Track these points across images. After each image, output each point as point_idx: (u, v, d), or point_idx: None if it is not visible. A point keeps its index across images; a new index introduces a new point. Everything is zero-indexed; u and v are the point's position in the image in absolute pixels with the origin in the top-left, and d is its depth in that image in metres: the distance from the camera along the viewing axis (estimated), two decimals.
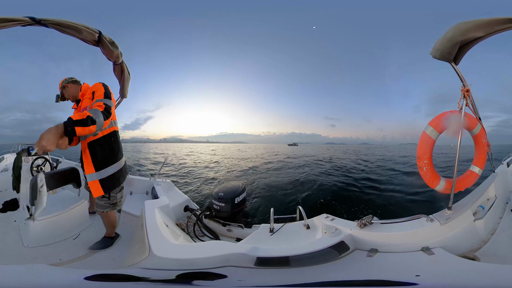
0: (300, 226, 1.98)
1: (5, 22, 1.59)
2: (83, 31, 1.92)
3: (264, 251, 1.54)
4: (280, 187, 7.54)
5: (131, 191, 3.56)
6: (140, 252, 1.65)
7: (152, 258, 1.46)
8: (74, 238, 2.46)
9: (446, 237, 1.69)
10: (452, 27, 1.63)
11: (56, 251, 2.23)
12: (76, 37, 1.96)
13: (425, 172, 1.89)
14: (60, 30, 1.85)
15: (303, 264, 1.48)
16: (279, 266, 1.48)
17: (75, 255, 2.18)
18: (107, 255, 2.21)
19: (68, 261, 2.08)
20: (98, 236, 2.40)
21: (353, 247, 1.64)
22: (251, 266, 1.46)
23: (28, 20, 1.68)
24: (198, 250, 1.61)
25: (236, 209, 2.67)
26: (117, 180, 2.16)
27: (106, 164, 2.06)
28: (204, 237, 2.44)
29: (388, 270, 1.47)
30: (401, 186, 7.73)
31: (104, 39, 2.07)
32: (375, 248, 1.63)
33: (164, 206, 2.40)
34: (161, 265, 1.43)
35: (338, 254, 1.56)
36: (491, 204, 2.04)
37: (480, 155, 2.06)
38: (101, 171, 2.04)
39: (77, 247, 2.31)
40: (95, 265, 2.05)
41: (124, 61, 2.54)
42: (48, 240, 2.35)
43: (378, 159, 19.72)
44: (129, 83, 2.90)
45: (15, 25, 1.64)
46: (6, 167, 4.76)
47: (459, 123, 1.79)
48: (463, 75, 1.80)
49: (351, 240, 1.66)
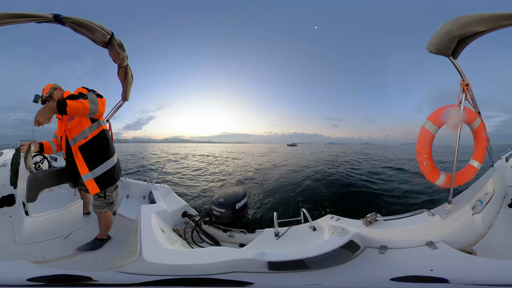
0: (306, 228, 1.96)
1: (25, 18, 1.54)
2: (96, 31, 1.89)
3: (273, 255, 1.53)
4: (281, 190, 7.52)
5: (127, 194, 3.53)
6: (129, 255, 1.63)
7: (141, 262, 1.44)
8: (64, 238, 2.45)
9: (447, 231, 1.70)
10: (449, 21, 1.60)
11: (44, 249, 2.23)
12: (88, 37, 1.93)
13: (425, 167, 1.89)
14: (75, 30, 1.81)
15: (321, 266, 1.46)
16: (294, 269, 1.47)
17: (61, 254, 2.17)
18: (92, 256, 2.19)
19: (51, 259, 2.07)
20: (88, 237, 2.39)
21: (363, 246, 1.63)
22: (264, 271, 1.44)
23: (49, 17, 1.63)
24: (196, 256, 1.60)
25: (237, 215, 2.65)
26: (111, 176, 2.19)
27: (99, 163, 2.12)
28: (203, 243, 2.41)
29: (402, 266, 1.47)
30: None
31: (114, 41, 2.06)
32: (384, 245, 1.64)
33: (161, 211, 2.38)
34: (148, 270, 1.40)
35: (351, 253, 1.55)
36: (489, 199, 2.06)
37: (479, 149, 2.06)
38: (94, 170, 2.10)
39: (65, 247, 2.30)
40: (75, 266, 2.04)
41: (129, 64, 2.53)
42: (39, 238, 2.35)
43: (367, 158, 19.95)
44: (131, 87, 2.88)
45: (32, 21, 1.59)
46: (4, 162, 4.74)
47: (459, 117, 1.79)
48: (462, 69, 1.79)
49: (359, 238, 1.66)
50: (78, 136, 2.09)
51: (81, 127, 2.09)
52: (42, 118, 1.70)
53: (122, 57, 2.29)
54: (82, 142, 2.09)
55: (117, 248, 2.26)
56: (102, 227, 2.35)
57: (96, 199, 2.21)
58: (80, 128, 2.09)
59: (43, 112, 1.71)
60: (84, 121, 2.09)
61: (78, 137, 2.09)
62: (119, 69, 2.54)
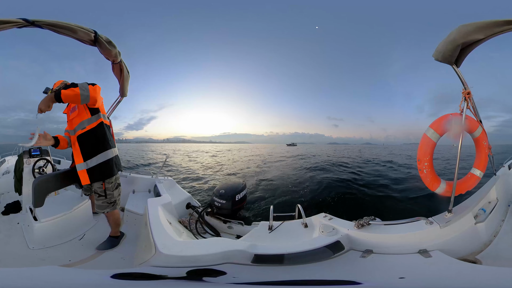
0: (298, 224, 2.00)
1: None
2: (78, 31, 1.94)
3: (262, 248, 1.57)
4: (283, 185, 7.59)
5: (133, 189, 3.58)
6: (147, 250, 1.66)
7: (159, 256, 1.48)
8: (80, 239, 2.48)
9: (445, 240, 1.68)
10: (455, 29, 1.62)
11: (63, 252, 2.25)
12: (73, 38, 1.98)
13: (425, 174, 1.88)
14: (55, 31, 1.87)
15: (296, 262, 1.50)
16: (273, 263, 1.51)
17: (84, 255, 2.19)
18: (115, 254, 2.23)
19: (77, 261, 2.09)
20: (103, 235, 2.42)
21: (348, 247, 1.65)
22: (248, 263, 1.48)
23: (21, 22, 1.68)
24: (200, 247, 1.63)
25: (236, 206, 2.67)
26: (104, 170, 2.20)
27: (93, 154, 2.17)
28: (206, 234, 2.46)
29: (374, 271, 1.47)
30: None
31: (101, 38, 2.09)
32: (370, 249, 1.64)
33: (167, 203, 2.41)
34: (168, 263, 1.45)
35: (331, 253, 1.57)
36: (492, 207, 2.02)
37: (481, 157, 2.04)
38: (87, 161, 2.16)
39: (84, 248, 2.33)
40: (105, 265, 2.07)
41: (122, 60, 2.56)
42: (54, 242, 2.36)
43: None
44: (128, 82, 2.92)
45: (10, 27, 1.64)
46: (7, 170, 4.78)
47: (460, 126, 1.78)
48: (464, 77, 1.79)
49: (347, 240, 1.67)
50: (77, 127, 2.18)
51: (81, 118, 2.18)
52: (44, 106, 1.96)
53: (114, 53, 2.33)
54: (80, 132, 2.17)
55: (133, 244, 2.30)
56: (112, 225, 2.39)
57: (97, 199, 2.24)
58: (79, 118, 2.18)
59: (45, 101, 1.97)
60: (84, 113, 2.18)
61: (77, 127, 2.18)
62: (114, 65, 2.59)
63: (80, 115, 2.18)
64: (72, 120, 2.22)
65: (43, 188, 2.24)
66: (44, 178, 2.32)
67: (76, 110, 2.19)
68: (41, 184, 2.23)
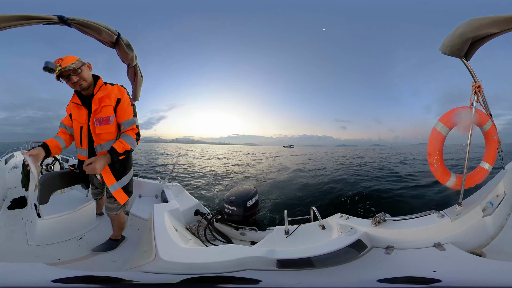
0: (315, 226, 1.98)
1: (32, 20, 1.57)
2: (103, 32, 1.92)
3: (283, 253, 1.54)
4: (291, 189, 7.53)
5: (140, 194, 3.55)
6: (146, 255, 1.65)
7: (158, 262, 1.46)
8: (78, 239, 2.46)
9: (456, 233, 1.69)
10: (463, 23, 1.61)
11: (57, 250, 2.23)
12: (95, 38, 1.95)
13: (436, 168, 1.89)
14: (81, 30, 1.85)
15: (327, 265, 1.48)
16: (302, 267, 1.48)
17: (76, 255, 2.17)
18: (108, 257, 2.19)
19: (67, 261, 2.07)
20: (103, 237, 2.39)
21: (370, 245, 1.64)
22: (272, 268, 1.45)
23: (54, 19, 1.66)
24: (210, 254, 1.61)
25: (248, 213, 2.66)
26: (130, 185, 2.18)
27: (124, 172, 2.10)
28: (216, 241, 2.43)
29: (406, 267, 1.48)
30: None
31: (122, 41, 2.07)
32: (391, 245, 1.64)
33: (174, 210, 2.39)
34: (167, 269, 1.42)
35: (357, 253, 1.56)
36: (500, 201, 2.04)
37: (491, 151, 2.05)
38: (121, 180, 2.08)
39: (80, 248, 2.31)
40: (93, 267, 2.04)
41: (138, 64, 2.54)
42: (53, 240, 2.34)
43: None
44: (141, 86, 2.93)
45: (39, 23, 1.62)
46: (16, 165, 4.80)
47: (470, 119, 1.78)
48: (474, 71, 1.79)
49: (367, 238, 1.66)
50: (106, 144, 1.95)
51: (112, 136, 1.98)
52: (99, 169, 1.80)
53: (131, 57, 2.30)
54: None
55: (132, 248, 2.27)
56: (115, 228, 2.35)
57: (112, 202, 2.16)
58: (110, 136, 1.98)
59: (101, 163, 1.81)
60: (116, 131, 2.00)
61: (106, 145, 1.95)
62: (129, 69, 2.55)
63: (111, 133, 1.98)
64: (100, 135, 1.95)
65: (49, 186, 2.24)
66: (50, 175, 2.32)
67: (107, 124, 1.94)
68: (47, 181, 2.23)
